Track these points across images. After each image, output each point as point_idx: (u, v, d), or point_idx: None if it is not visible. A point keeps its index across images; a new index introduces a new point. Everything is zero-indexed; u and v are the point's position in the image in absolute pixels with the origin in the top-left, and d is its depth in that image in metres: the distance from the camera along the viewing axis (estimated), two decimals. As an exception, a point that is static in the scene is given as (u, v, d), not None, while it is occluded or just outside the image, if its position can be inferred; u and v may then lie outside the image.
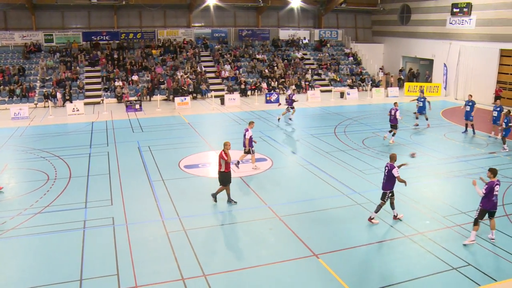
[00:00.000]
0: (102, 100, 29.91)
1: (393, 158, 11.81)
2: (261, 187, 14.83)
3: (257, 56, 38.09)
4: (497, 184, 10.56)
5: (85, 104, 28.51)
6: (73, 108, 27.05)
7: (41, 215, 12.46)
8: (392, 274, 9.57)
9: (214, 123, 25.24)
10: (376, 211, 11.88)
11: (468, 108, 21.55)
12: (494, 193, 10.54)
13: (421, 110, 23.00)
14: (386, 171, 11.71)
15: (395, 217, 12.06)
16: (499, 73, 30.13)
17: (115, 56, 34.71)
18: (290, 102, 24.24)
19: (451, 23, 33.36)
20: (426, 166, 16.54)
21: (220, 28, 39.88)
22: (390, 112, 20.04)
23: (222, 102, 30.24)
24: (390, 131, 20.09)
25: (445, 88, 34.07)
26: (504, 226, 11.58)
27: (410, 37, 38.37)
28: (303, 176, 15.97)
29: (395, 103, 20.47)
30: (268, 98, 30.80)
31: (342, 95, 33.31)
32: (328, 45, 41.76)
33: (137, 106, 28.14)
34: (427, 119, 23.05)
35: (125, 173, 15.95)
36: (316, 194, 14.03)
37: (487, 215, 10.79)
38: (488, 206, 10.63)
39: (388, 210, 12.40)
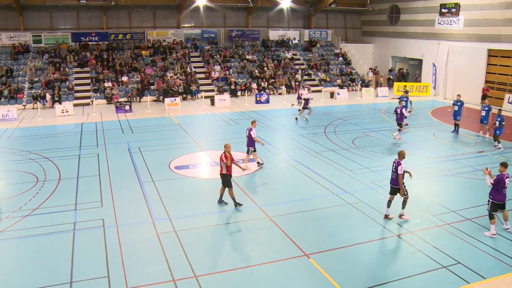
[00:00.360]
0: (92, 101, 29.69)
1: (401, 155, 11.94)
2: (251, 187, 14.87)
3: (247, 57, 38.09)
4: (507, 177, 10.85)
5: (75, 105, 28.38)
6: (62, 110, 26.84)
7: (30, 218, 12.33)
8: (382, 273, 9.63)
9: (204, 124, 25.19)
10: (403, 207, 12.10)
11: (456, 108, 21.80)
12: (506, 185, 10.84)
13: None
14: (394, 167, 11.86)
15: (386, 216, 12.13)
16: (487, 72, 30.49)
17: (105, 57, 34.49)
18: (305, 103, 24.57)
19: (440, 23, 33.68)
20: (415, 166, 16.65)
21: (210, 29, 39.80)
22: (396, 110, 20.68)
23: (212, 103, 30.20)
24: (399, 130, 20.62)
25: (434, 88, 34.38)
26: (493, 224, 11.69)
27: (399, 37, 38.66)
28: (293, 176, 16.00)
29: (400, 102, 21.30)
30: (258, 98, 30.81)
31: (332, 95, 33.45)
32: (318, 45, 41.92)
33: (127, 107, 27.98)
34: (405, 117, 23.59)
35: (115, 175, 15.86)
36: (306, 194, 14.07)
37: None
38: (497, 198, 10.92)
39: (381, 210, 12.50)
